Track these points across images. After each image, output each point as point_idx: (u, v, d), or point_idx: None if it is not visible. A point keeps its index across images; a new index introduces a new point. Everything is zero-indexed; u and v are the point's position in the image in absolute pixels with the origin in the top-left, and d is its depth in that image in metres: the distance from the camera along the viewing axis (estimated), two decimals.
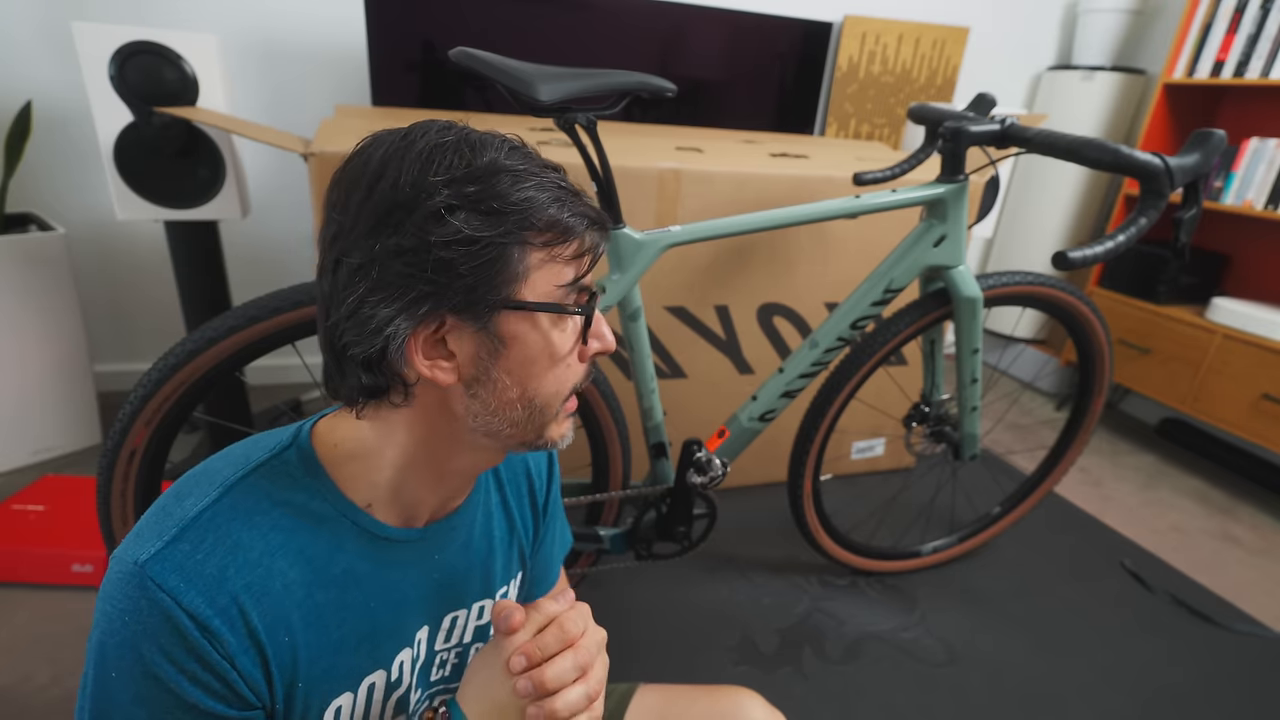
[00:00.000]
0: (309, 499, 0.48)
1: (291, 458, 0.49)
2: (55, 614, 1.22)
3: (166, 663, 0.41)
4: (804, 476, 1.33)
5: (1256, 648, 1.41)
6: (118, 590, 0.42)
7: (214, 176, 1.48)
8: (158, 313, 1.96)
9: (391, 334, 0.43)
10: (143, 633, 0.41)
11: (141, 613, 0.41)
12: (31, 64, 1.67)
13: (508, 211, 0.42)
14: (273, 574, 0.45)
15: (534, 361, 0.47)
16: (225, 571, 0.43)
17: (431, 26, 1.76)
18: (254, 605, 0.44)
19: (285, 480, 0.48)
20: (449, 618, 0.59)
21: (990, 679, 1.28)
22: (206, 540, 0.43)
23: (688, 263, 1.49)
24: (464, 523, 0.58)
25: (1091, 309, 1.35)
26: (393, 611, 0.53)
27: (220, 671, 0.43)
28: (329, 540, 0.48)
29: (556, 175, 0.46)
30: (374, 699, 0.54)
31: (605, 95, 0.94)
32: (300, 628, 0.47)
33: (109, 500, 0.93)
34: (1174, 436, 2.27)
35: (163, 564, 0.42)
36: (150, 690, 0.42)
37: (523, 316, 0.45)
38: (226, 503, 0.45)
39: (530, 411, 0.48)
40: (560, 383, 0.49)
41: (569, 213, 0.45)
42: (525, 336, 0.46)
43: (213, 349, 0.90)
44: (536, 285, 0.45)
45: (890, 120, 2.33)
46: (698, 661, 1.25)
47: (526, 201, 0.43)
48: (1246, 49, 1.97)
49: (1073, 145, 0.96)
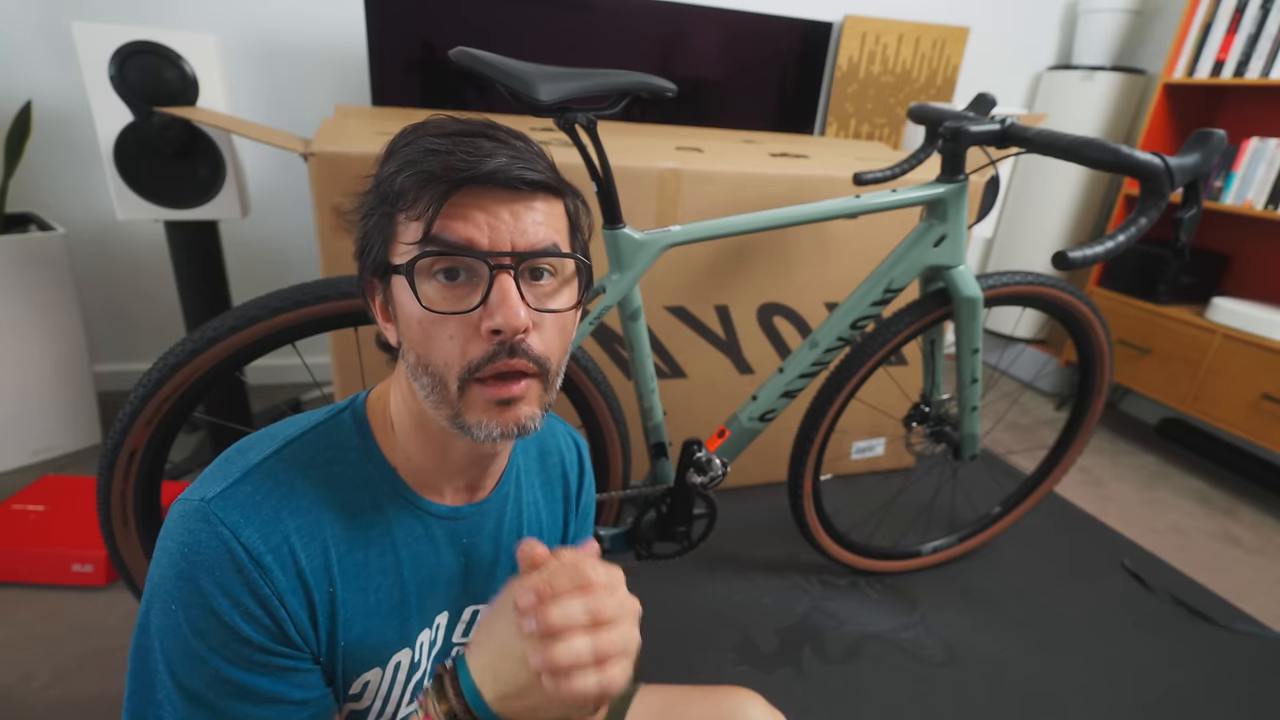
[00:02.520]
0: (358, 459, 0.51)
1: (346, 420, 0.52)
2: (55, 614, 1.22)
3: (222, 595, 0.44)
4: (804, 476, 1.33)
5: (1256, 648, 1.41)
6: (181, 525, 0.45)
7: (214, 176, 1.48)
8: (158, 313, 1.96)
9: (364, 294, 0.52)
10: (201, 564, 0.44)
11: (202, 545, 0.44)
12: (31, 64, 1.67)
13: (380, 184, 0.47)
14: (321, 523, 0.48)
15: (408, 325, 0.47)
16: (280, 513, 0.47)
17: (431, 26, 1.76)
18: (303, 549, 0.47)
19: (339, 440, 0.51)
20: (470, 610, 0.59)
21: (990, 679, 1.28)
22: (265, 484, 0.47)
23: (688, 263, 1.49)
24: (494, 511, 0.58)
25: (1091, 309, 1.35)
26: (421, 586, 0.54)
27: (271, 609, 0.45)
28: (371, 501, 0.51)
29: (447, 141, 0.45)
30: (397, 679, 0.55)
31: (605, 95, 0.94)
32: (341, 581, 0.49)
33: (109, 500, 0.93)
34: (1174, 436, 2.27)
35: (226, 501, 0.45)
36: (208, 622, 0.43)
37: (398, 279, 0.47)
38: (286, 454, 0.49)
39: (432, 380, 0.47)
40: (444, 354, 0.45)
41: (410, 172, 0.45)
42: (399, 298, 0.47)
43: (213, 349, 0.90)
44: (398, 248, 0.46)
45: (890, 120, 2.33)
46: (698, 661, 1.25)
47: (391, 175, 0.46)
48: (1246, 49, 1.97)
49: (1073, 145, 0.96)
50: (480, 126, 0.47)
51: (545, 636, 0.41)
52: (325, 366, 2.13)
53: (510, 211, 0.45)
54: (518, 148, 0.46)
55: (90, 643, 1.17)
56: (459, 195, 0.44)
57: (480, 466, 0.55)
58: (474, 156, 0.44)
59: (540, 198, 0.47)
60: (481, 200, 0.45)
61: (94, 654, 1.15)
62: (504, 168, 0.44)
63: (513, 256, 0.45)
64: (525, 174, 0.45)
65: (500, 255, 0.44)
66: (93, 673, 1.12)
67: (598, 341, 1.50)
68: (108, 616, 1.22)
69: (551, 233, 0.47)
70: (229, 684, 0.44)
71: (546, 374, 0.48)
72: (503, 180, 0.44)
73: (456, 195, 0.44)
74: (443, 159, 0.44)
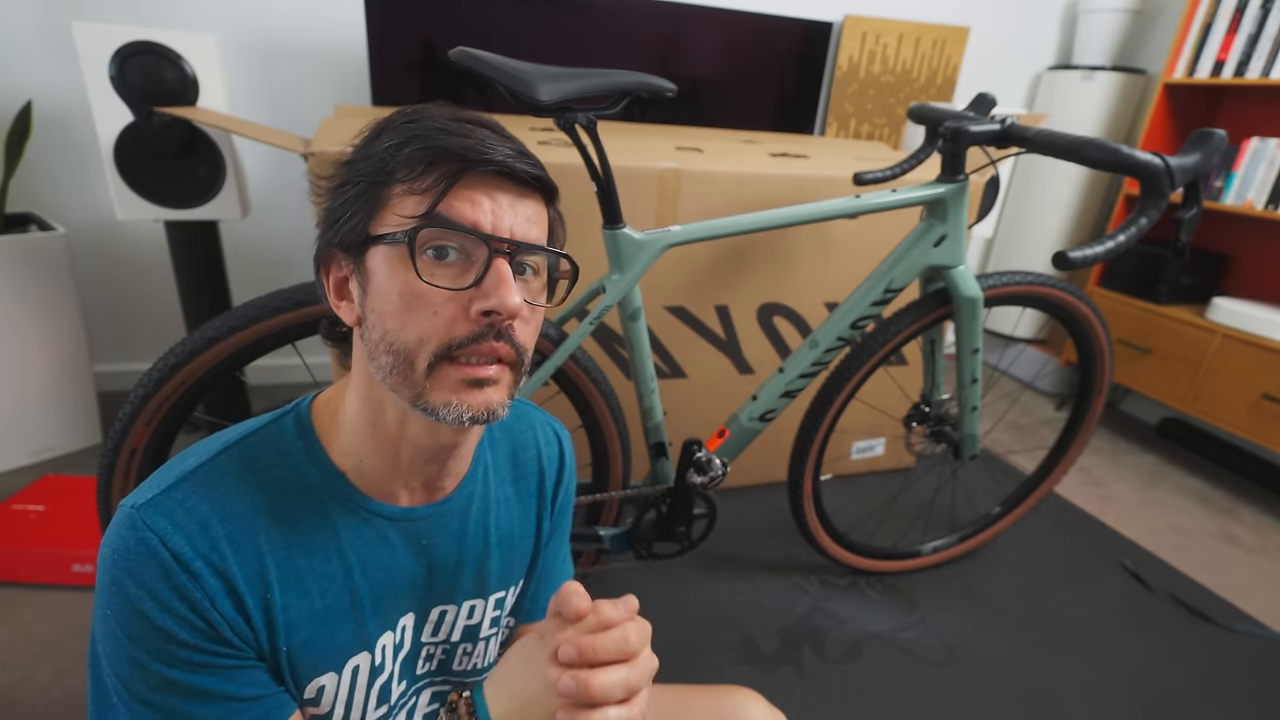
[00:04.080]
0: (299, 464, 0.50)
1: (289, 424, 0.51)
2: (55, 614, 1.22)
3: (150, 599, 0.43)
4: (804, 476, 1.33)
5: (1256, 648, 1.41)
6: (113, 532, 0.45)
7: (214, 176, 1.48)
8: (158, 313, 1.96)
9: (319, 270, 0.50)
10: (128, 570, 0.43)
11: (129, 551, 0.44)
12: (31, 64, 1.67)
13: (372, 155, 0.47)
14: (255, 530, 0.47)
15: (385, 298, 0.46)
16: (209, 521, 0.46)
17: (431, 26, 1.76)
18: (234, 555, 0.46)
19: (279, 445, 0.50)
20: (437, 610, 0.59)
21: (990, 679, 1.28)
22: (197, 492, 0.46)
23: (688, 263, 1.49)
24: (457, 511, 0.57)
25: (1092, 309, 1.35)
26: (376, 589, 0.53)
27: (202, 611, 0.44)
28: (314, 507, 0.50)
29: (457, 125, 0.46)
30: (358, 683, 0.54)
31: (605, 95, 0.94)
32: (280, 589, 0.48)
33: (109, 500, 0.93)
34: (1174, 436, 2.27)
35: (154, 508, 0.45)
36: (141, 628, 0.43)
37: (379, 250, 0.46)
38: (222, 461, 0.48)
39: (395, 359, 0.46)
40: (422, 330, 0.45)
41: (418, 147, 0.45)
42: (377, 270, 0.47)
43: (213, 349, 0.90)
44: (387, 219, 0.46)
45: (890, 120, 2.33)
46: (698, 661, 1.25)
47: (393, 146, 0.46)
48: (1247, 49, 1.97)
49: (1073, 145, 0.96)
50: (482, 118, 0.48)
51: (582, 703, 0.43)
52: (325, 366, 2.13)
53: (509, 202, 0.47)
54: (519, 144, 0.48)
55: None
56: (468, 178, 0.45)
57: (438, 464, 0.53)
58: (484, 144, 0.45)
59: (534, 197, 0.49)
60: (487, 186, 0.46)
61: None
62: (511, 159, 0.46)
63: (510, 244, 0.46)
64: (530, 169, 0.47)
65: (501, 240, 0.46)
66: None
67: (598, 341, 1.50)
68: None
69: (541, 233, 0.50)
70: (172, 685, 0.44)
71: (521, 364, 0.49)
72: (509, 171, 0.46)
73: (466, 177, 0.45)
74: (457, 140, 0.45)
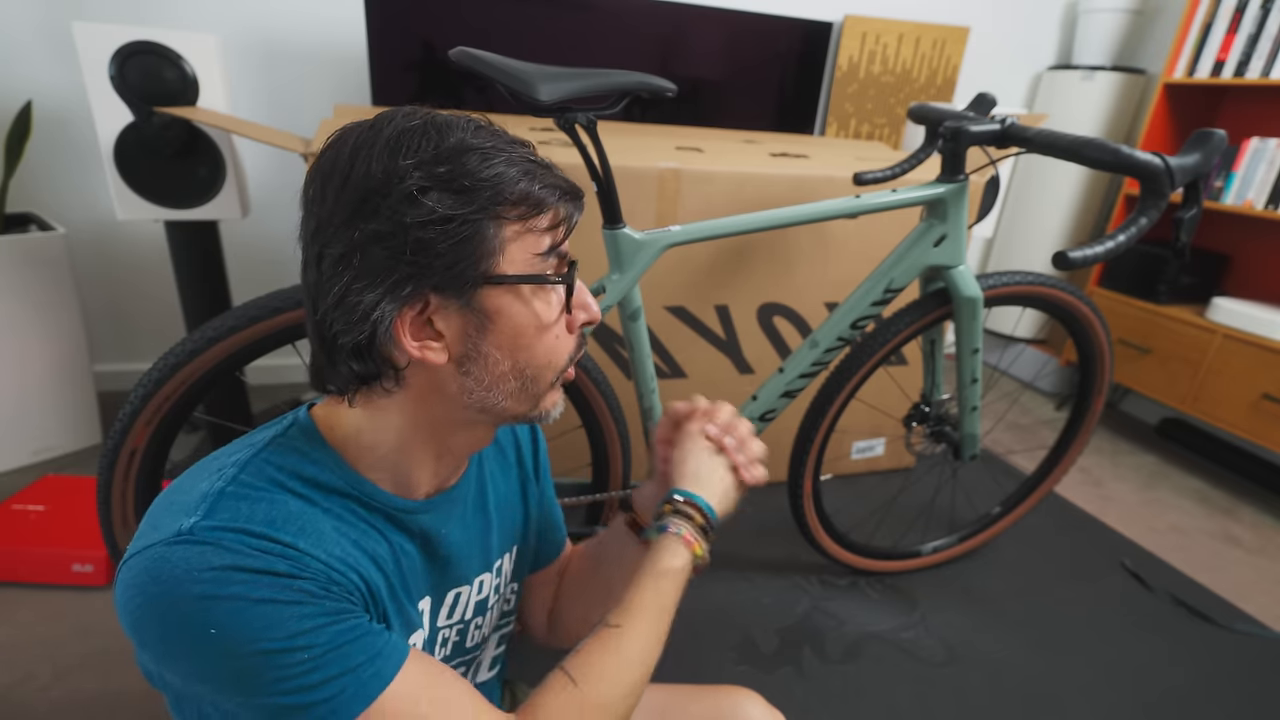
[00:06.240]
0: (318, 471, 0.49)
1: (296, 434, 0.50)
2: (55, 614, 1.22)
3: (265, 581, 0.40)
4: (804, 476, 1.33)
5: (1256, 648, 1.41)
6: (164, 568, 0.40)
7: (214, 176, 1.48)
8: (158, 313, 1.96)
9: (379, 318, 0.44)
10: (217, 580, 0.40)
11: (208, 563, 0.40)
12: (31, 64, 1.67)
13: (478, 188, 0.44)
14: (316, 518, 0.46)
15: (521, 333, 0.48)
16: (272, 518, 0.44)
17: (431, 26, 1.76)
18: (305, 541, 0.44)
19: (295, 454, 0.49)
20: (452, 594, 0.60)
21: (990, 679, 1.28)
22: (242, 504, 0.43)
23: (688, 263, 1.49)
24: (461, 495, 0.59)
25: (1091, 309, 1.35)
26: (401, 580, 0.54)
27: (312, 571, 0.43)
28: (340, 509, 0.49)
29: (525, 150, 0.47)
30: None
31: (605, 95, 0.94)
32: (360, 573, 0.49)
33: (109, 500, 0.93)
34: (1174, 436, 2.27)
35: (211, 519, 0.42)
36: (270, 615, 0.40)
37: (505, 290, 0.47)
38: (246, 478, 0.45)
39: (524, 383, 0.50)
40: (551, 353, 0.50)
41: (539, 184, 0.46)
42: (509, 309, 0.47)
43: (213, 349, 0.90)
44: (514, 257, 0.46)
45: (890, 120, 2.33)
46: (698, 661, 1.25)
47: (497, 177, 0.44)
48: (1247, 49, 1.97)
49: (1073, 145, 0.96)
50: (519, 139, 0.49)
51: (740, 445, 0.63)
52: None
53: None
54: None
55: (91, 642, 1.17)
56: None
57: (464, 459, 0.58)
58: (566, 180, 0.49)
59: None
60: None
61: (94, 654, 1.15)
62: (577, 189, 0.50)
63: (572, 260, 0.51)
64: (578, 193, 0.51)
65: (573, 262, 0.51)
66: (93, 672, 1.12)
67: (598, 341, 1.50)
68: (108, 617, 1.22)
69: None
70: (335, 646, 0.42)
71: None
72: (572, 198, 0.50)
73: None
74: (551, 174, 0.47)
